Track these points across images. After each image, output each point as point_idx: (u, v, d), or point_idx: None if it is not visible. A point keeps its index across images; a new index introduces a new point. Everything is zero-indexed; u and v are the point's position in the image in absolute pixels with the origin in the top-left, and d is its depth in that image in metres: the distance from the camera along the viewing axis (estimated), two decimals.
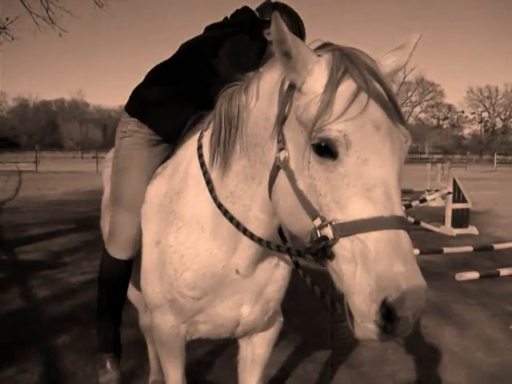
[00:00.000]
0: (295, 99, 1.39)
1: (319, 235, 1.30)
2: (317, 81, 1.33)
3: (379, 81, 1.32)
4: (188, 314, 2.00)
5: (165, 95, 2.27)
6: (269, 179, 1.50)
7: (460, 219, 9.92)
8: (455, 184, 9.79)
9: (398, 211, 1.25)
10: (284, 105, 1.43)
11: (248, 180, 1.68)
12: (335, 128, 1.25)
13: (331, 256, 1.29)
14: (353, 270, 1.23)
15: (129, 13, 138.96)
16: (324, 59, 1.36)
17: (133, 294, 2.77)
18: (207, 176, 1.83)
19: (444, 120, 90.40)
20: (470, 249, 7.46)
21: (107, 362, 2.31)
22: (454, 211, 9.86)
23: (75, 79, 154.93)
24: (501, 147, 75.75)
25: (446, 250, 7.40)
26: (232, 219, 1.75)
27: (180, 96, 2.24)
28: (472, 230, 9.89)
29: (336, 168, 1.28)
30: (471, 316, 5.02)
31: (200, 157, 1.88)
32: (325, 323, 3.09)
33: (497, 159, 49.99)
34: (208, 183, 1.82)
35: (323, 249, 1.29)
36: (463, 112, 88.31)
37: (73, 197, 15.44)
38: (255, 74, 1.68)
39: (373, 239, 1.21)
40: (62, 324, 4.50)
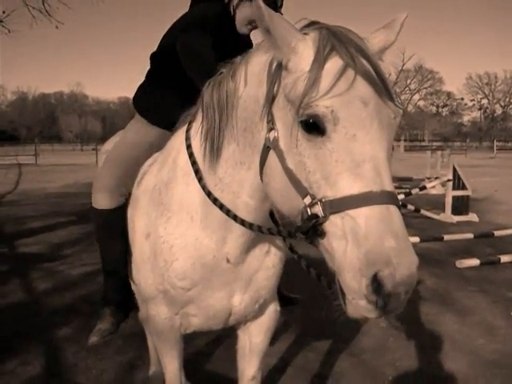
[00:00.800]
0: (283, 78, 1.38)
1: (309, 213, 1.28)
2: (303, 59, 1.32)
3: (367, 58, 1.30)
4: (180, 305, 2.00)
5: (172, 96, 2.30)
6: (259, 161, 1.49)
7: (460, 206, 9.89)
8: (455, 171, 9.75)
9: (388, 186, 1.24)
10: (272, 84, 1.42)
11: (237, 165, 1.67)
12: (322, 104, 1.24)
13: (322, 234, 1.27)
14: (343, 247, 1.22)
15: (126, 4, 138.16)
16: (310, 37, 1.34)
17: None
18: (195, 166, 1.81)
19: (443, 107, 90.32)
20: (471, 236, 7.48)
21: (104, 315, 2.35)
22: (454, 198, 9.83)
23: (74, 72, 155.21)
24: (500, 134, 75.85)
25: (447, 238, 7.41)
26: (222, 207, 1.73)
27: (186, 94, 2.19)
28: (472, 217, 9.87)
29: (324, 144, 1.26)
30: (472, 303, 5.01)
31: (188, 147, 1.87)
32: (324, 312, 3.09)
33: (496, 146, 50.04)
34: (196, 173, 1.81)
35: (314, 227, 1.27)
36: (462, 99, 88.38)
37: (73, 189, 15.39)
38: (242, 59, 1.66)
39: (363, 215, 1.19)
40: (63, 316, 4.50)
